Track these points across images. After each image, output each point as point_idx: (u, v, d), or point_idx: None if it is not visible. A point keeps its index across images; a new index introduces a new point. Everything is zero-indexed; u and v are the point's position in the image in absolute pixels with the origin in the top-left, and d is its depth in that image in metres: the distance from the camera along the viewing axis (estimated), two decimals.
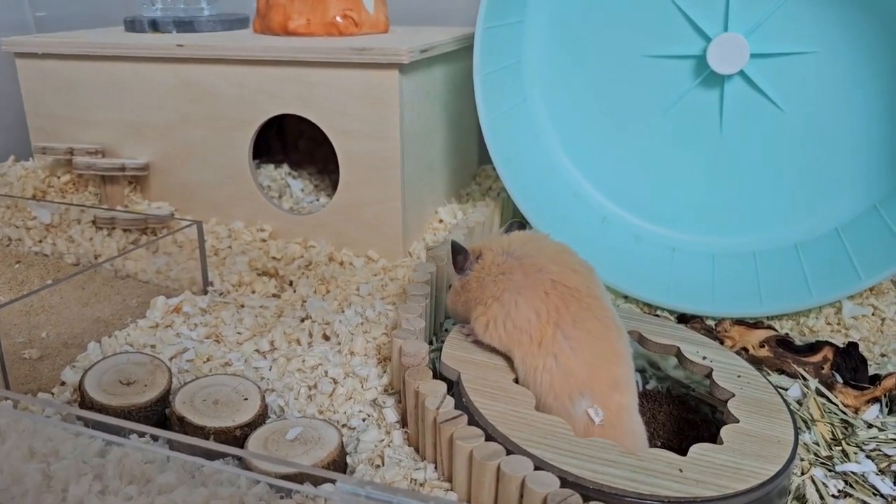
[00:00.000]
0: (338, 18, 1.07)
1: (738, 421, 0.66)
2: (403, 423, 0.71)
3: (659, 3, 1.02)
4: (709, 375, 0.73)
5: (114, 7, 1.42)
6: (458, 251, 0.75)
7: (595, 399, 0.65)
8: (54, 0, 1.46)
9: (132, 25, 1.20)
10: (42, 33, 1.25)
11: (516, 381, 0.68)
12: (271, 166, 1.20)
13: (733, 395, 0.69)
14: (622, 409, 0.66)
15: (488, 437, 0.60)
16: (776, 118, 1.02)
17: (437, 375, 0.69)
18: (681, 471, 0.59)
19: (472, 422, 0.62)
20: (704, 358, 0.75)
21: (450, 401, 0.63)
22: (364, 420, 0.72)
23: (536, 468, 0.57)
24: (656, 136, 1.08)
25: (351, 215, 1.04)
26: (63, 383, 0.77)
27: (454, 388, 0.67)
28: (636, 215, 1.12)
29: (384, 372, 0.77)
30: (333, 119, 1.00)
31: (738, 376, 0.72)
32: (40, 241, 1.06)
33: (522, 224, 0.81)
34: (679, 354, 0.76)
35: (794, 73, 1.00)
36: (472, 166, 1.28)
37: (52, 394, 0.76)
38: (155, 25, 1.17)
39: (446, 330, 0.87)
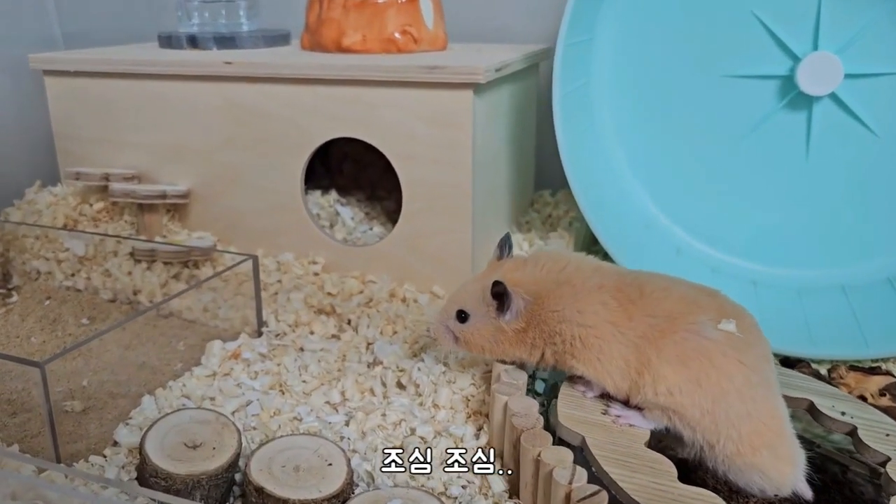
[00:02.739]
0: (396, 34, 1.00)
1: None
2: (513, 492, 0.62)
3: (741, 20, 0.95)
4: (851, 434, 0.65)
5: (144, 22, 1.34)
6: (504, 293, 0.66)
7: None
8: (82, 15, 1.37)
9: (168, 41, 1.11)
10: (71, 49, 1.17)
11: (648, 445, 0.60)
12: (318, 192, 1.11)
13: (889, 459, 0.61)
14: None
15: None
16: (868, 142, 0.95)
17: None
18: None
19: (612, 498, 0.53)
20: (843, 413, 0.66)
21: (582, 472, 0.55)
22: (464, 488, 0.63)
23: None
24: (735, 162, 1.00)
25: (414, 247, 0.95)
26: (116, 443, 0.68)
27: (577, 454, 0.59)
28: (712, 246, 1.04)
29: (479, 430, 0.69)
30: (397, 143, 0.92)
31: (887, 435, 0.64)
32: (72, 275, 0.97)
33: (510, 240, 0.74)
34: (812, 409, 0.68)
35: (889, 94, 0.93)
36: (529, 192, 1.20)
37: (105, 456, 0.67)
38: (194, 41, 1.09)
39: (535, 380, 0.78)
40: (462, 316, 0.69)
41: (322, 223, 1.05)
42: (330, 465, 0.63)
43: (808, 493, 0.61)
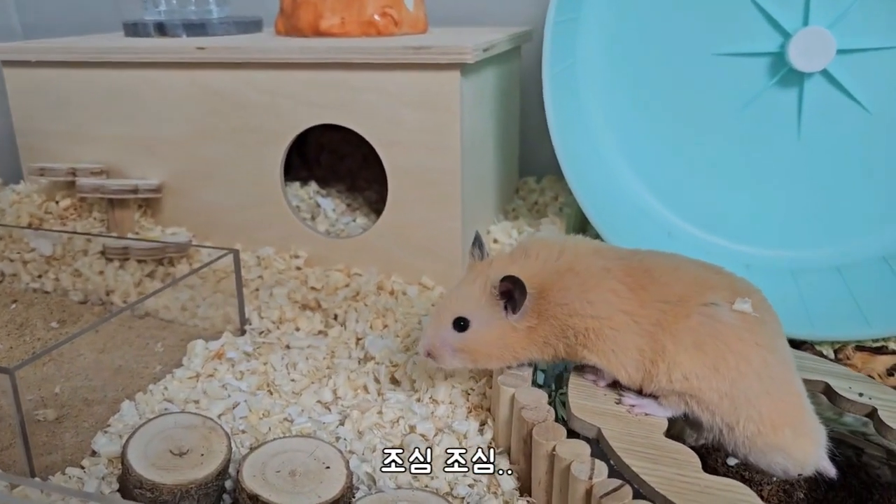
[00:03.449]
0: (376, 17, 0.95)
1: None
2: (524, 490, 0.59)
3: None
4: (871, 415, 0.63)
5: (107, 12, 1.28)
6: (514, 287, 0.60)
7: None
8: (42, 4, 1.31)
9: (134, 30, 1.06)
10: (32, 40, 1.11)
11: (667, 434, 0.57)
12: (297, 184, 1.07)
13: None
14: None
15: None
16: (861, 120, 0.93)
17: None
18: None
19: (636, 493, 0.50)
20: (861, 395, 0.64)
21: (602, 466, 0.51)
22: (472, 486, 0.59)
23: None
24: (726, 142, 0.98)
25: (400, 238, 0.92)
26: (94, 453, 0.63)
27: (594, 448, 0.55)
28: (703, 229, 1.01)
29: (482, 425, 0.65)
30: (381, 128, 0.88)
31: None
32: (40, 277, 0.92)
33: (481, 238, 0.68)
34: (829, 391, 0.65)
35: (882, 69, 0.91)
36: (514, 179, 1.17)
37: (83, 467, 0.62)
38: (162, 29, 1.03)
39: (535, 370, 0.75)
40: (461, 324, 0.63)
41: (303, 215, 1.01)
42: (328, 468, 0.59)
43: (831, 471, 0.59)
